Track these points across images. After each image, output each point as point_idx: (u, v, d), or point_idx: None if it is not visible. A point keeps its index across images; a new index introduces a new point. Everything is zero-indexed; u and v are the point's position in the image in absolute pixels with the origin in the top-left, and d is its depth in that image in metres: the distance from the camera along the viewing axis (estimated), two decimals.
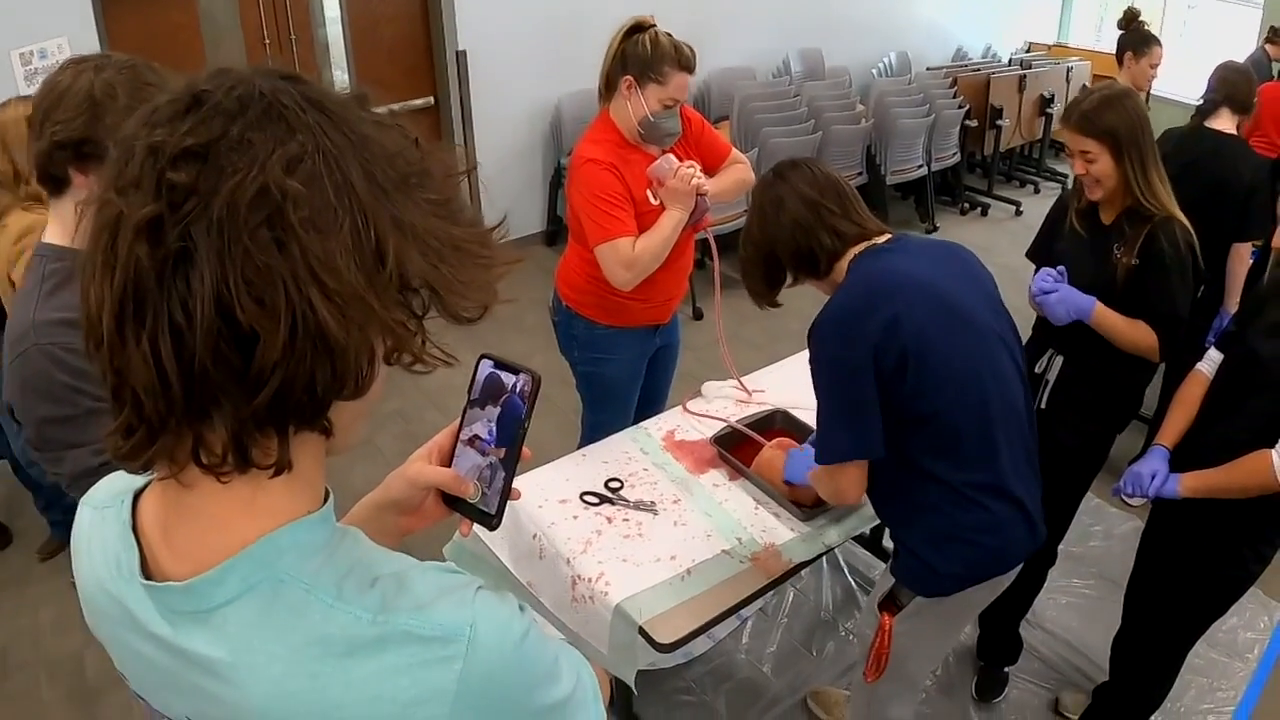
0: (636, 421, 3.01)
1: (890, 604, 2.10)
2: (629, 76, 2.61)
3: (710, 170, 2.80)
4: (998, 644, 3.10)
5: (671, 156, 2.67)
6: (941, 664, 3.18)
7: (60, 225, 1.67)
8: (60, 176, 1.60)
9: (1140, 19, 4.63)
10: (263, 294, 0.63)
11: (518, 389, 0.96)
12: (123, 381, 0.67)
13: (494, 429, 0.98)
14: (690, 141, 2.85)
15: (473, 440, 1.00)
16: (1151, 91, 4.79)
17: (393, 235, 0.69)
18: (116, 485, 0.85)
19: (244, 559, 0.73)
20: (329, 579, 0.74)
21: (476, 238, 0.77)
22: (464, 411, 1.01)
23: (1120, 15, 4.66)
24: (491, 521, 1.00)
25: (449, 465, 1.03)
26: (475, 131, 5.92)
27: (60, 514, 3.53)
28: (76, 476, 1.61)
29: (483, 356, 0.99)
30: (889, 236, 2.03)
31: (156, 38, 4.81)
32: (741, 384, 3.01)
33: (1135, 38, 4.55)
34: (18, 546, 3.71)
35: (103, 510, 0.84)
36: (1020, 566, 2.09)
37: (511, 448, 0.97)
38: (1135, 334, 2.43)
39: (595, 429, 3.08)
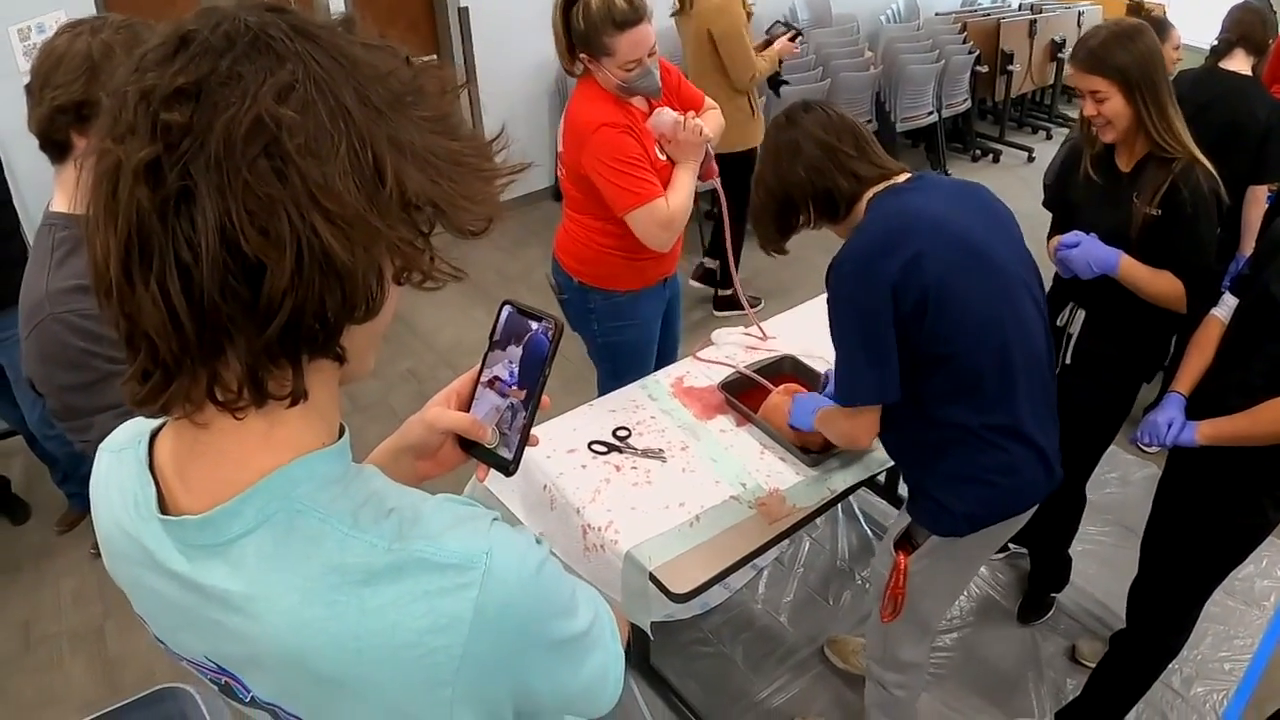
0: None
1: (906, 543, 2.12)
2: (583, 54, 2.54)
3: None
4: (1045, 568, 3.18)
5: (667, 109, 2.58)
6: (956, 610, 3.19)
7: (65, 193, 1.67)
8: (62, 141, 1.60)
9: (1145, 6, 4.52)
10: (266, 224, 0.63)
11: (540, 334, 0.96)
12: (135, 327, 0.67)
13: (515, 371, 0.99)
14: (670, 94, 2.76)
15: (493, 382, 1.01)
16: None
17: (390, 154, 0.69)
18: (133, 428, 0.86)
19: (260, 490, 0.73)
20: (345, 508, 0.74)
21: (476, 150, 0.77)
22: (485, 355, 1.01)
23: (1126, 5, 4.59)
24: (509, 467, 1.00)
25: (468, 411, 1.03)
26: (480, 89, 5.86)
27: (77, 486, 3.55)
28: None
29: (505, 303, 0.99)
30: (909, 175, 1.99)
31: (155, 10, 4.76)
32: (761, 328, 3.02)
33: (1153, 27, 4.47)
34: (37, 520, 3.73)
35: (120, 453, 0.85)
36: (1034, 508, 2.09)
37: (532, 391, 0.97)
38: (1162, 286, 2.38)
39: None
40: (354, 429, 0.81)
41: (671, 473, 2.40)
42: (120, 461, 0.84)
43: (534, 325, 0.97)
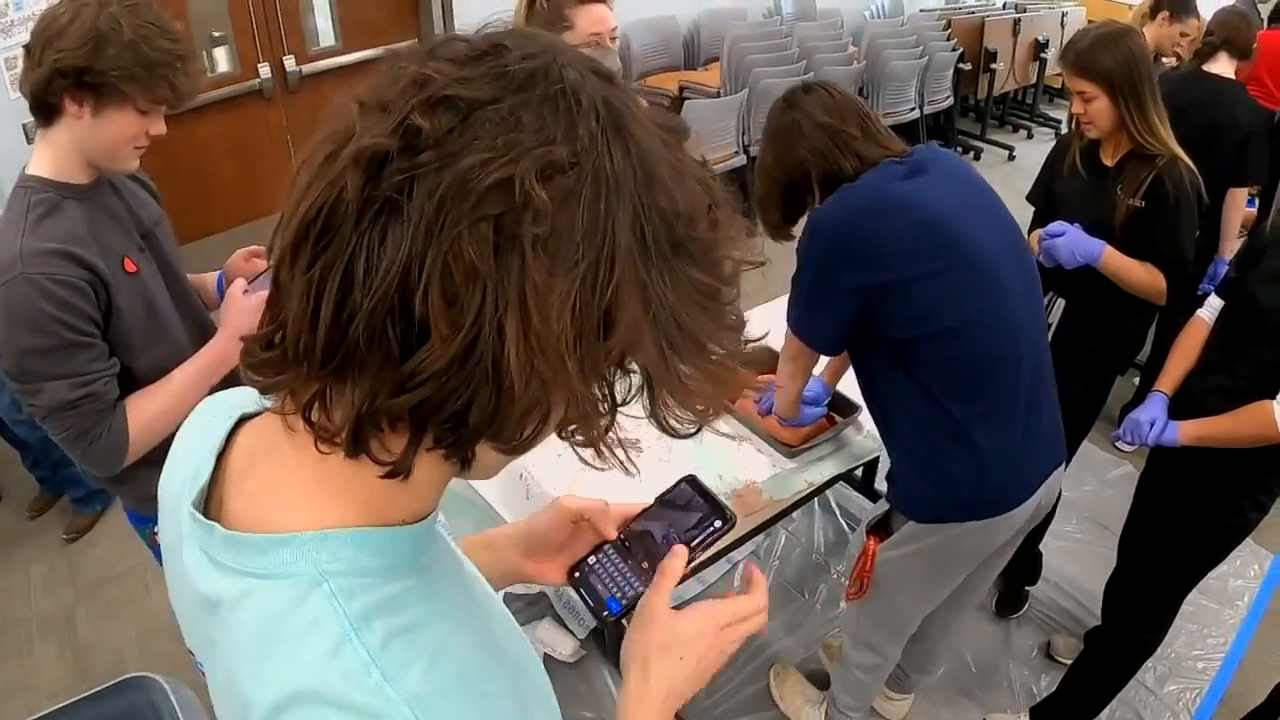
0: None
1: (880, 530, 2.14)
2: None
3: None
4: (1017, 563, 3.14)
5: None
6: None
7: (49, 156, 1.67)
8: (54, 105, 1.60)
9: None
10: (457, 294, 0.54)
11: (706, 523, 0.96)
12: (279, 297, 0.60)
13: (664, 539, 0.97)
14: None
15: (642, 534, 1.00)
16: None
17: (632, 305, 0.57)
18: (243, 395, 0.78)
19: (300, 543, 0.64)
20: (358, 610, 0.63)
21: (731, 343, 0.65)
22: (647, 508, 1.01)
23: None
24: (603, 615, 0.97)
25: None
26: None
27: (48, 471, 3.50)
28: (53, 409, 1.63)
29: (688, 477, 1.00)
30: (907, 153, 1.95)
31: None
32: None
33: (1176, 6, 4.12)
34: (6, 505, 3.69)
35: (216, 419, 0.77)
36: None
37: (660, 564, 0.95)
38: (1144, 277, 2.43)
39: None
40: None
41: (648, 462, 2.36)
42: (211, 428, 0.76)
43: (703, 512, 0.97)
